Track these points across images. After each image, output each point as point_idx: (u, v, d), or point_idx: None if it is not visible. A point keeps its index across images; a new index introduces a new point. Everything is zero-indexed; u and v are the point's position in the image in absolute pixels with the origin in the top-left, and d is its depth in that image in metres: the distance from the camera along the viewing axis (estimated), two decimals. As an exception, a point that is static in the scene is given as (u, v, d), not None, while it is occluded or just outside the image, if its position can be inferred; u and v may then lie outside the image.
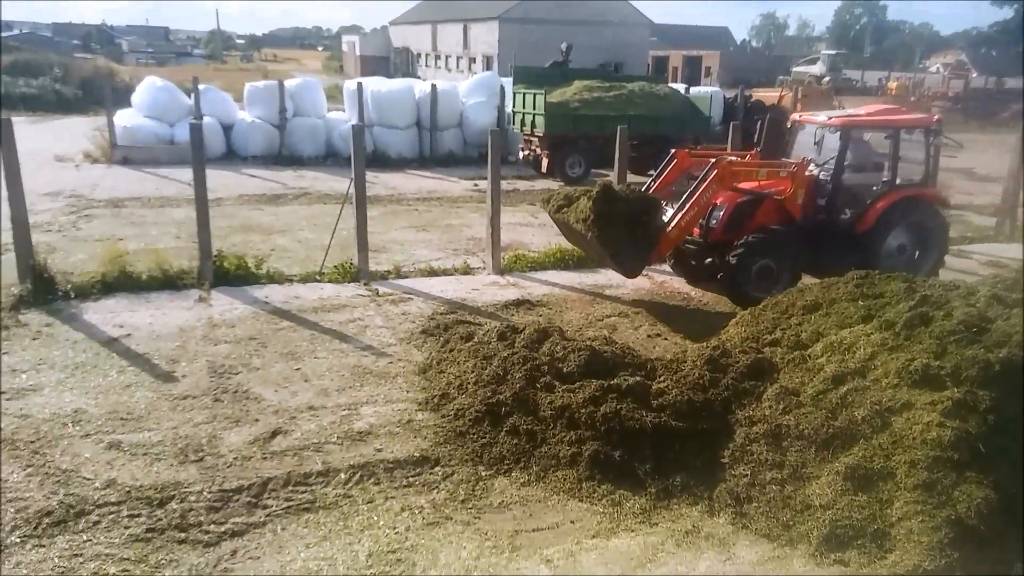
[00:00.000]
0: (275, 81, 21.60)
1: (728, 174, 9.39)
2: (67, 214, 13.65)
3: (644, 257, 9.22)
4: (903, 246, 10.08)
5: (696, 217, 9.40)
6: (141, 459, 5.70)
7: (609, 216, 8.84)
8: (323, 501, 5.30)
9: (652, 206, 9.20)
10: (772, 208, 9.69)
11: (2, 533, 4.80)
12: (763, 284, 9.41)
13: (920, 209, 10.05)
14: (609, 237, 8.94)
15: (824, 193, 9.91)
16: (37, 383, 6.86)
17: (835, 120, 9.86)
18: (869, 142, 10.49)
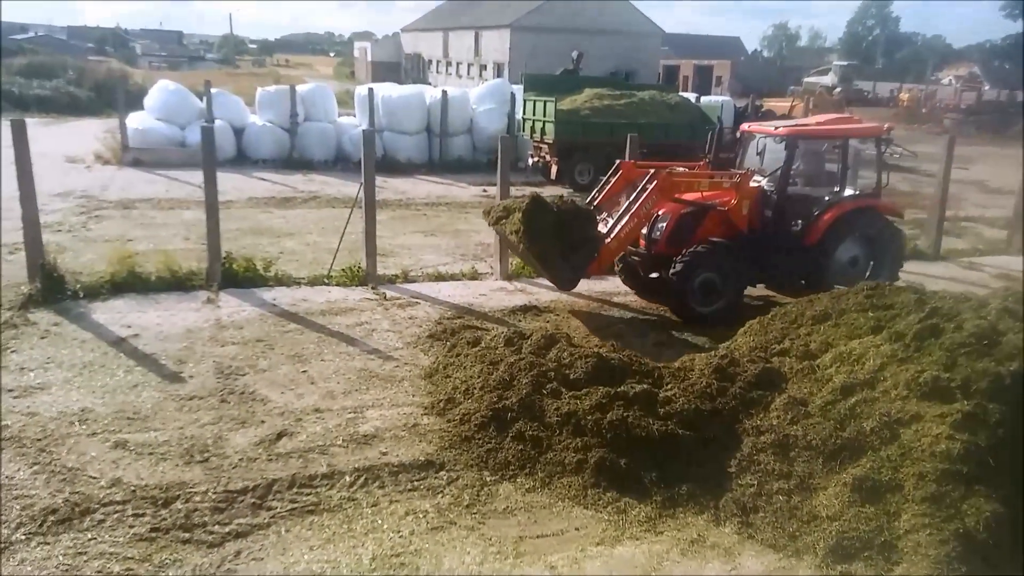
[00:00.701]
0: (287, 86, 21.71)
1: (668, 185, 9.19)
2: (77, 215, 13.73)
3: (579, 269, 8.95)
4: (855, 259, 9.80)
5: (636, 228, 9.21)
6: (147, 459, 5.70)
7: (539, 228, 8.63)
8: (327, 504, 5.29)
9: (584, 217, 8.97)
10: (716, 220, 9.40)
11: (7, 530, 4.81)
12: (707, 299, 9.20)
13: (870, 220, 9.80)
14: (540, 249, 8.77)
15: (771, 205, 9.63)
16: (45, 381, 6.89)
17: (781, 130, 9.63)
18: (820, 153, 10.23)
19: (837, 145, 9.89)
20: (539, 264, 9.07)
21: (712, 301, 9.22)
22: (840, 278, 9.57)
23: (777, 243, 9.52)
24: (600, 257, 9.04)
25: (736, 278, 9.35)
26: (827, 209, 9.57)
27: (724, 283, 9.24)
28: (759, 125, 10.29)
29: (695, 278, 9.08)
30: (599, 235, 9.07)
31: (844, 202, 9.68)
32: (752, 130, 10.22)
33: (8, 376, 6.95)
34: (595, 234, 9.01)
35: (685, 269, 8.99)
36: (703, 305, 9.19)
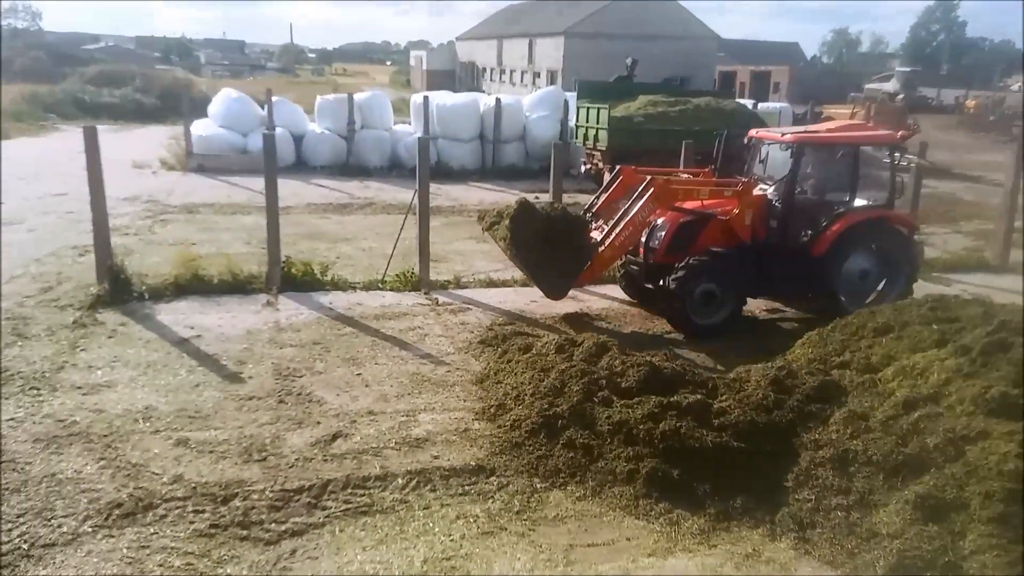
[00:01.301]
0: (345, 94, 22.13)
1: (665, 193, 8.93)
2: (144, 218, 14.21)
3: (568, 278, 8.78)
4: (866, 272, 9.43)
5: (631, 237, 8.97)
6: (207, 456, 5.87)
7: (527, 234, 8.47)
8: (380, 505, 5.37)
9: (574, 224, 8.75)
10: (717, 229, 9.12)
11: (75, 522, 4.99)
12: (706, 310, 8.93)
13: (882, 233, 9.45)
14: (527, 256, 8.60)
15: (776, 214, 9.27)
16: (111, 379, 7.15)
17: (788, 136, 9.22)
18: (830, 160, 9.76)
19: (847, 153, 9.43)
20: (527, 272, 8.92)
21: (712, 313, 8.93)
22: (849, 292, 9.31)
23: (782, 254, 9.16)
24: (593, 266, 8.85)
25: (737, 289, 9.06)
26: (835, 220, 9.16)
27: (725, 294, 8.95)
28: (766, 131, 9.91)
29: (695, 289, 8.81)
30: (591, 243, 8.85)
31: (854, 213, 9.27)
32: (760, 136, 9.85)
33: (77, 374, 7.23)
34: (586, 242, 8.81)
35: (684, 280, 8.71)
36: (702, 317, 8.90)
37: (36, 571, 4.52)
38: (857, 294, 9.37)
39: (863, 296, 9.42)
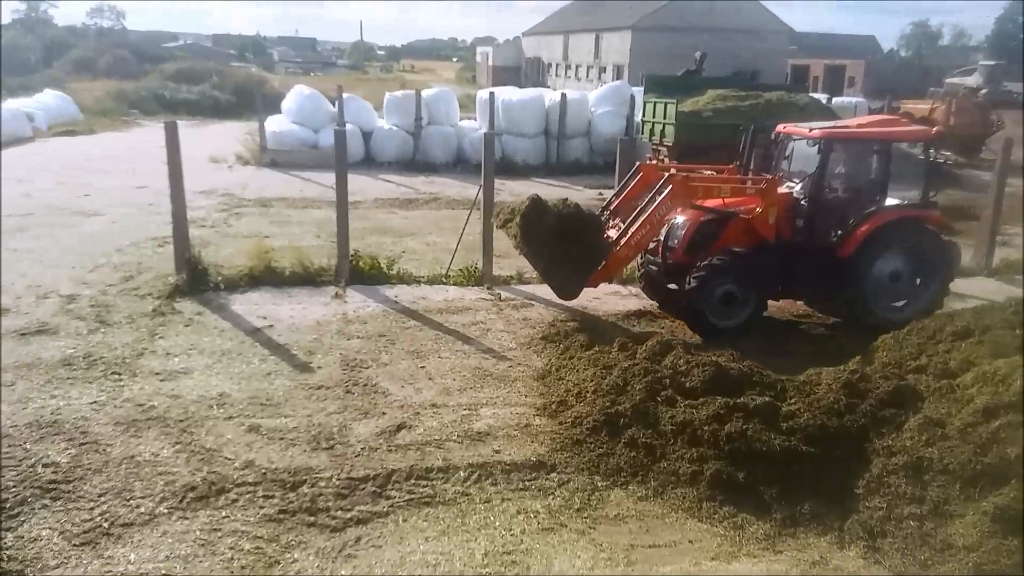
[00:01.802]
0: (413, 91, 22.42)
1: (684, 190, 8.56)
2: (219, 211, 14.70)
3: (580, 277, 8.47)
4: (897, 274, 8.91)
5: (648, 236, 8.65)
6: (277, 443, 6.04)
7: (537, 233, 8.19)
8: (443, 497, 5.43)
9: (587, 222, 8.43)
10: (740, 228, 8.75)
11: (152, 503, 5.21)
12: (726, 311, 8.57)
13: (914, 233, 8.92)
14: (539, 254, 8.36)
15: (802, 213, 8.86)
16: (188, 367, 7.43)
17: (816, 132, 8.75)
18: (860, 157, 9.31)
19: (878, 149, 8.98)
20: (538, 270, 8.70)
21: (731, 315, 8.59)
22: (878, 295, 8.89)
23: (807, 255, 8.76)
24: (607, 265, 8.55)
25: (759, 291, 8.69)
26: (865, 219, 8.71)
27: (745, 296, 8.61)
28: (795, 126, 9.47)
29: (715, 289, 8.49)
30: (606, 242, 8.61)
31: (885, 212, 8.81)
32: (788, 131, 9.41)
33: (155, 360, 7.54)
34: (600, 240, 8.51)
35: (703, 280, 8.42)
36: (721, 319, 8.55)
37: (115, 549, 4.73)
38: (887, 298, 8.96)
39: (894, 300, 9.03)
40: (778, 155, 9.56)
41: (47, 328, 8.20)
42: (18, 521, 4.94)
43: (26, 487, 5.29)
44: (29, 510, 5.05)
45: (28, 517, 4.98)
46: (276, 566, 4.64)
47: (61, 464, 5.60)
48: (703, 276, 8.40)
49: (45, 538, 4.79)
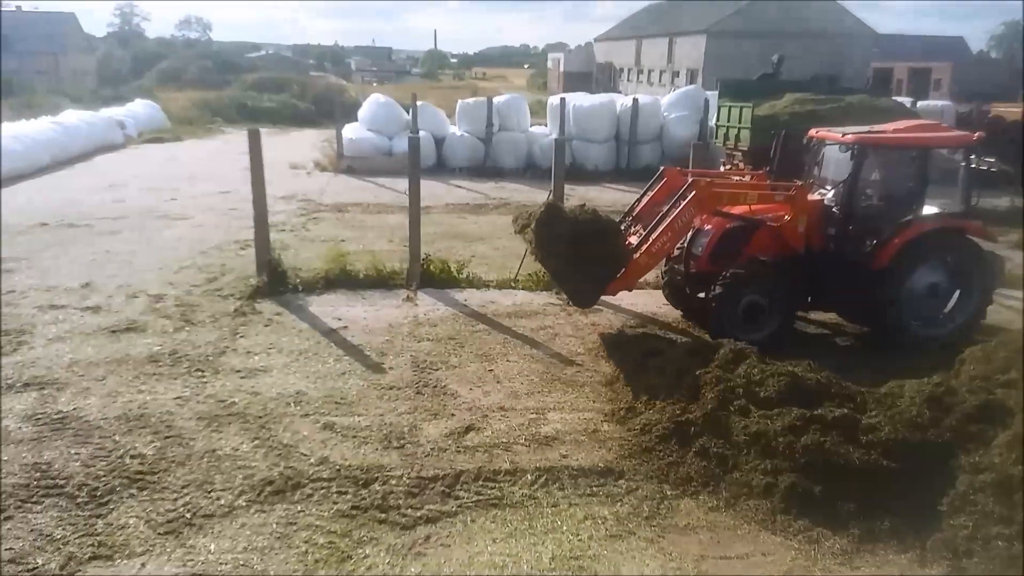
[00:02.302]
0: (484, 98, 22.64)
1: (707, 196, 8.26)
2: (298, 216, 15.15)
3: (598, 285, 8.15)
4: (935, 287, 8.44)
5: (670, 243, 8.36)
6: (350, 441, 6.19)
7: (553, 238, 7.92)
8: (510, 499, 5.45)
9: (605, 228, 8.11)
10: (767, 237, 8.43)
11: (231, 496, 5.41)
12: (751, 325, 8.20)
13: (954, 245, 8.43)
14: (554, 263, 8.10)
15: (835, 222, 8.48)
16: (267, 365, 7.68)
17: (849, 137, 8.30)
18: (897, 164, 8.83)
19: (916, 156, 8.46)
20: (554, 278, 8.45)
21: (757, 327, 8.20)
22: (915, 309, 8.41)
23: (839, 266, 8.38)
24: (627, 273, 8.22)
25: (787, 302, 8.34)
26: (901, 230, 8.27)
27: (772, 307, 8.25)
28: (828, 130, 9.04)
29: (740, 300, 8.17)
30: (625, 249, 8.34)
31: (922, 222, 8.36)
32: (821, 136, 9.00)
33: (237, 358, 7.82)
34: (619, 248, 8.23)
35: (728, 290, 8.11)
36: (746, 331, 8.11)
37: (197, 539, 4.92)
38: (924, 313, 8.52)
39: (932, 314, 8.58)
40: (810, 161, 9.22)
41: (136, 326, 8.62)
42: (107, 508, 5.19)
43: (115, 476, 5.56)
44: (118, 499, 5.30)
45: (117, 505, 5.23)
46: (348, 561, 4.74)
47: (147, 456, 5.86)
48: (727, 286, 8.11)
49: (132, 526, 5.02)
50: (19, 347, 7.92)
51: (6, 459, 5.74)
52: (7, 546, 4.75)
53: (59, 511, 5.13)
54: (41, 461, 5.72)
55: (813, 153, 9.18)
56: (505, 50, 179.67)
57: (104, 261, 11.22)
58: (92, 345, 8.02)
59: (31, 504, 5.20)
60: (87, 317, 8.85)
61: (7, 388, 6.96)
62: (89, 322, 8.68)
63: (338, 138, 21.59)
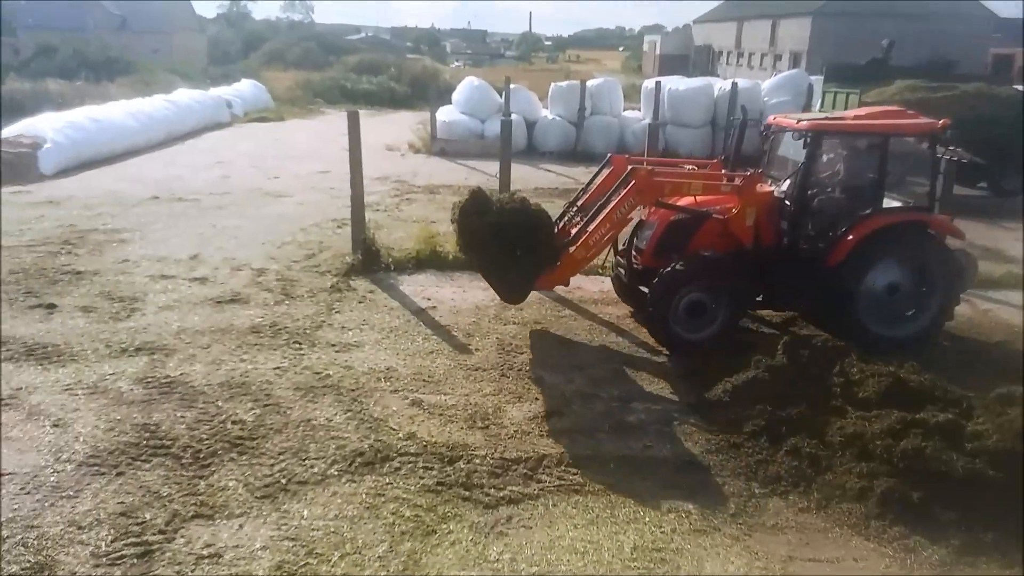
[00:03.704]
0: (577, 81, 22.45)
1: (648, 186, 7.70)
2: (392, 197, 15.47)
3: (525, 280, 7.67)
4: (894, 287, 7.83)
5: (609, 236, 7.89)
6: (437, 418, 6.32)
7: (478, 229, 7.42)
8: (592, 486, 5.45)
9: (534, 219, 7.55)
10: (715, 230, 7.89)
11: (324, 464, 5.61)
12: (694, 323, 7.74)
13: (916, 240, 7.82)
14: (478, 254, 7.65)
15: (787, 215, 7.92)
16: (360, 340, 7.92)
17: (803, 123, 7.73)
18: (855, 153, 8.21)
19: (875, 144, 7.81)
20: (480, 271, 8.04)
21: (700, 326, 7.77)
22: (873, 310, 7.80)
23: (792, 262, 7.87)
24: (562, 267, 7.77)
25: (733, 300, 7.82)
26: (857, 224, 7.72)
27: (717, 306, 7.79)
28: (784, 117, 8.40)
29: (680, 298, 7.69)
30: (557, 241, 7.85)
31: (880, 216, 7.77)
32: (778, 123, 8.37)
33: (332, 332, 8.09)
34: (549, 240, 7.71)
35: (666, 288, 7.64)
36: (688, 330, 7.75)
37: (291, 504, 5.14)
38: (885, 314, 7.93)
39: (893, 316, 7.99)
40: (767, 150, 8.73)
41: (239, 298, 9.03)
42: (209, 470, 5.49)
43: (217, 440, 5.86)
44: (219, 461, 5.60)
45: (218, 468, 5.52)
46: (433, 535, 4.86)
47: (247, 422, 6.16)
48: (665, 283, 7.65)
49: (231, 488, 5.29)
50: (132, 314, 8.44)
51: (119, 419, 6.14)
52: (119, 500, 5.09)
53: (165, 470, 5.45)
54: (150, 422, 6.10)
55: (771, 142, 8.73)
56: (600, 32, 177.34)
57: (211, 235, 11.79)
58: (198, 314, 8.46)
59: (140, 462, 5.55)
60: (194, 288, 9.33)
61: (121, 352, 7.44)
62: (196, 292, 9.16)
63: (432, 120, 21.87)
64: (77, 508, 4.99)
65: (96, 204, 13.66)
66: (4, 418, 6.11)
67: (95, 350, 7.43)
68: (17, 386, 6.65)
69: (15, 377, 6.83)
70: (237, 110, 28.40)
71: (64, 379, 6.81)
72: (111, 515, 4.92)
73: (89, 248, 10.89)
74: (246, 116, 28.65)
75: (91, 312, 8.42)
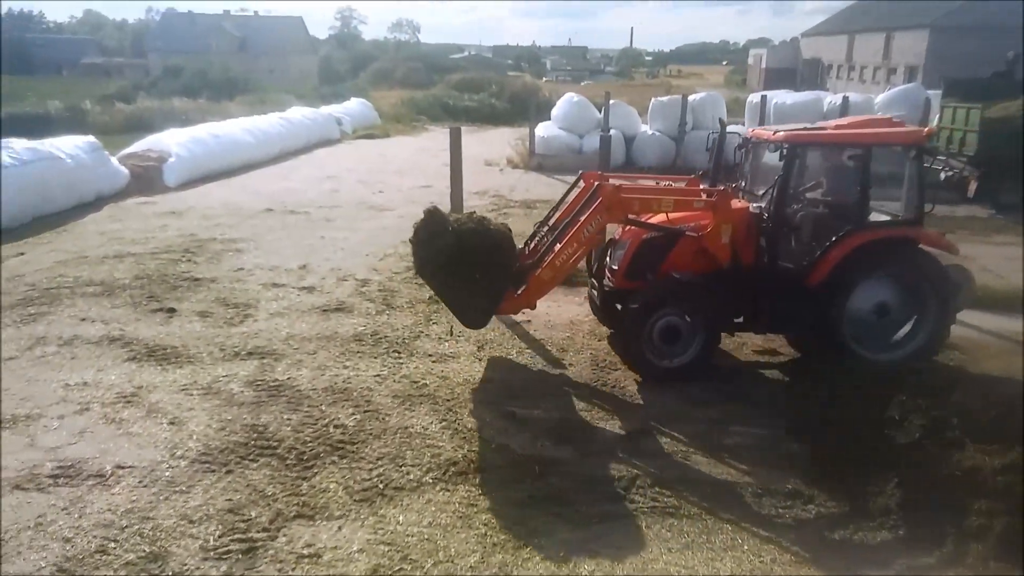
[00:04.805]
0: (679, 96, 22.19)
1: (616, 203, 7.25)
2: (490, 211, 15.65)
3: (486, 304, 7.25)
4: (884, 307, 7.40)
5: (577, 256, 7.42)
6: (529, 432, 6.35)
7: (431, 252, 7.01)
8: (687, 510, 5.33)
9: (494, 240, 7.11)
10: (690, 249, 7.41)
11: (419, 472, 5.73)
12: (669, 348, 7.31)
13: (904, 257, 7.33)
14: (436, 278, 7.18)
15: (765, 232, 7.42)
16: (456, 351, 8.05)
17: (780, 134, 7.24)
18: (837, 165, 7.75)
19: (857, 156, 7.28)
20: (438, 297, 7.60)
21: (675, 352, 7.33)
22: (862, 331, 7.24)
23: (772, 282, 7.40)
24: (528, 289, 7.39)
25: (710, 323, 7.30)
26: (840, 241, 7.23)
27: (693, 330, 7.28)
28: (764, 128, 7.81)
29: (654, 322, 7.26)
30: (518, 262, 7.51)
31: (866, 232, 7.28)
32: (756, 135, 7.79)
33: (429, 343, 8.27)
34: (510, 261, 7.32)
35: (639, 311, 7.24)
36: (662, 357, 7.32)
37: (387, 509, 5.26)
38: (875, 335, 7.36)
39: (884, 338, 7.38)
40: (748, 164, 8.30)
41: (344, 307, 9.36)
42: (312, 472, 5.70)
43: (320, 443, 6.09)
44: (321, 464, 5.80)
45: (320, 470, 5.72)
46: (524, 548, 4.87)
47: (348, 427, 6.37)
48: (638, 307, 7.27)
49: (332, 490, 5.47)
50: (245, 319, 8.89)
51: (230, 419, 6.47)
52: (227, 497, 5.35)
53: (271, 470, 5.70)
54: (258, 423, 6.39)
55: (750, 154, 8.29)
56: (703, 47, 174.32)
57: (319, 246, 12.29)
58: (306, 322, 8.82)
59: (248, 461, 5.82)
60: (303, 296, 9.75)
61: (233, 355, 7.84)
62: (304, 301, 9.56)
63: (531, 136, 22.09)
64: (189, 503, 5.28)
65: (214, 215, 14.51)
66: (126, 414, 6.55)
67: (210, 353, 7.87)
68: (139, 384, 7.12)
69: (137, 376, 7.31)
70: (346, 127, 29.56)
71: (181, 379, 7.24)
72: (220, 511, 5.18)
73: (207, 256, 11.56)
74: (354, 132, 29.77)
75: (207, 317, 8.93)
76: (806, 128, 7.66)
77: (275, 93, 39.27)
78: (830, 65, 65.16)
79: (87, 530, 4.95)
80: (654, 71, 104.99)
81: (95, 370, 7.42)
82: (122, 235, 12.88)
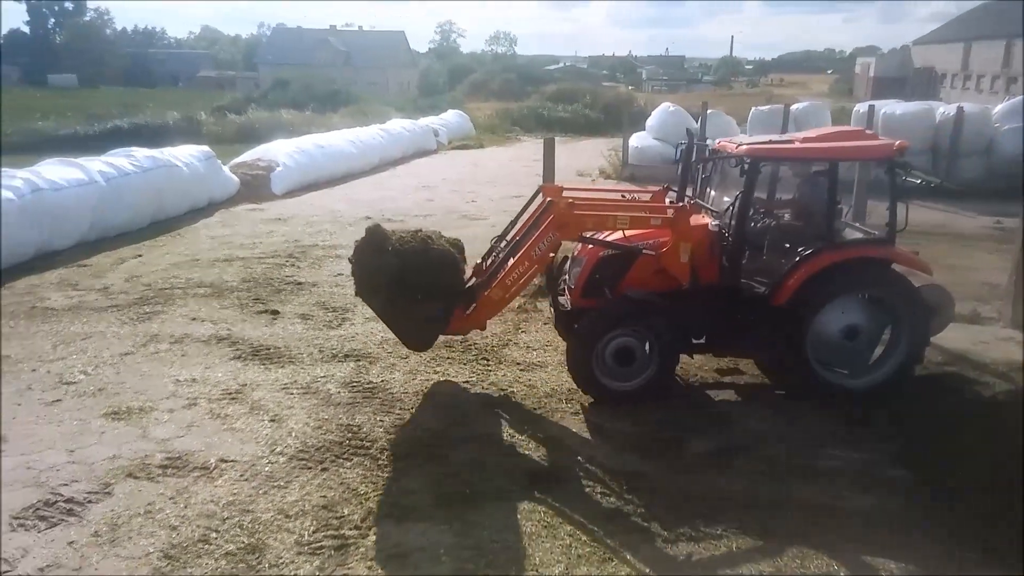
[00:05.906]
0: (780, 105, 21.61)
1: (568, 220, 6.88)
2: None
3: (432, 326, 6.97)
4: (853, 329, 6.99)
5: (528, 275, 7.07)
6: (615, 444, 6.31)
7: (375, 271, 6.69)
8: (776, 532, 5.16)
9: (437, 260, 6.83)
10: (648, 267, 7.04)
11: (504, 481, 5.77)
12: (623, 371, 6.94)
13: (874, 277, 6.98)
14: (377, 299, 6.80)
15: (726, 251, 7.07)
16: (543, 361, 8.10)
17: (742, 148, 6.82)
18: (803, 181, 7.52)
19: (824, 171, 7.01)
20: (381, 318, 7.20)
21: (629, 375, 6.95)
22: (831, 355, 6.77)
23: (734, 303, 7.03)
24: (477, 309, 7.11)
25: (667, 345, 6.88)
26: (805, 260, 6.85)
27: (650, 352, 6.91)
28: (728, 141, 7.24)
29: (606, 344, 6.89)
30: (464, 282, 7.28)
31: (830, 251, 6.89)
32: (721, 147, 7.29)
33: (517, 351, 8.35)
34: (455, 281, 7.08)
35: (589, 331, 6.89)
36: (615, 379, 6.94)
37: (472, 515, 5.32)
38: (841, 359, 6.88)
39: (851, 361, 6.91)
40: (714, 178, 7.92)
41: (435, 313, 9.56)
42: (402, 473, 5.84)
43: (410, 445, 6.24)
44: (408, 466, 5.94)
45: (408, 471, 5.86)
46: (610, 563, 4.82)
47: (437, 431, 6.50)
48: (587, 327, 6.93)
49: (420, 493, 5.59)
50: (343, 323, 9.22)
51: (326, 418, 6.72)
52: (322, 493, 5.55)
53: (363, 469, 5.88)
54: (353, 423, 6.62)
55: (716, 168, 7.88)
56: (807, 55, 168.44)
57: (412, 254, 12.57)
58: (398, 327, 9.06)
59: (342, 460, 6.03)
60: (396, 302, 10.00)
61: (331, 357, 8.14)
62: (397, 306, 9.81)
63: (624, 146, 21.99)
64: (286, 498, 5.51)
65: (317, 222, 15.13)
66: (230, 410, 6.91)
67: (310, 354, 8.20)
68: (243, 382, 7.49)
69: (242, 374, 7.70)
70: (443, 138, 30.24)
71: (282, 378, 7.58)
72: (315, 507, 5.38)
73: (309, 261, 12.06)
74: (450, 143, 30.41)
75: (308, 319, 9.31)
76: (771, 141, 7.32)
77: (376, 105, 40.56)
78: (944, 74, 61.92)
79: (191, 519, 5.24)
80: (754, 80, 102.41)
81: (203, 367, 7.85)
82: (231, 240, 13.60)
